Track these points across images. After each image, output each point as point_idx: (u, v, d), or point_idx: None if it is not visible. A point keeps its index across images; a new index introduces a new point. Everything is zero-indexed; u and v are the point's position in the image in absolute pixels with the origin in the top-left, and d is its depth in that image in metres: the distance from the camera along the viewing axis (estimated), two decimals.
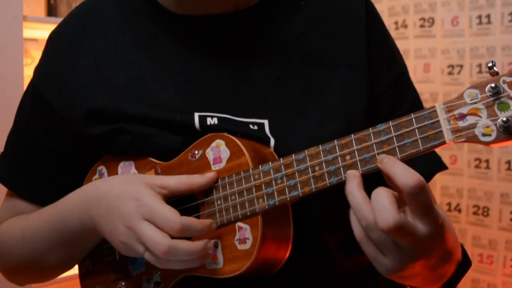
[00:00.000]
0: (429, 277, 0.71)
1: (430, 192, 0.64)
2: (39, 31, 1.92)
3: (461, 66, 1.96)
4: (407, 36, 2.07)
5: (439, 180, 2.09)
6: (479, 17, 1.90)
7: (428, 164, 0.87)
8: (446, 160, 0.91)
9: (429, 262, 0.68)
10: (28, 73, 1.12)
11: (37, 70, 0.94)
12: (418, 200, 0.62)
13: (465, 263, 0.77)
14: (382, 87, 0.90)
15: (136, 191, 0.76)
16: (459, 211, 2.05)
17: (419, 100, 0.95)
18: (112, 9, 0.92)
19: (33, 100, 0.93)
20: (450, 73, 1.99)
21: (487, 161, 1.93)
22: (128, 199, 0.76)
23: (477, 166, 1.99)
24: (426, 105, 0.85)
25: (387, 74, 0.91)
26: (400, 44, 1.00)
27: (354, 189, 0.66)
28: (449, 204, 2.08)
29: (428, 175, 0.86)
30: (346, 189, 0.67)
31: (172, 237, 0.73)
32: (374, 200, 0.63)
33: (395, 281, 0.72)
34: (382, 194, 0.63)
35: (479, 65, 1.92)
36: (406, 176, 0.62)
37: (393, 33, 1.99)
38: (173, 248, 0.72)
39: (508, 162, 1.88)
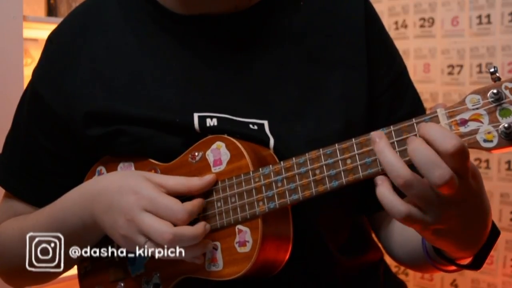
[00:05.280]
0: (464, 234, 0.69)
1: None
2: (39, 31, 1.92)
3: (461, 66, 1.95)
4: (407, 36, 2.07)
5: None
6: (479, 17, 1.90)
7: None
8: None
9: (465, 210, 0.66)
10: (28, 73, 1.11)
11: (36, 71, 0.94)
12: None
13: (494, 234, 0.74)
14: (381, 87, 0.90)
15: (135, 184, 0.77)
16: None
17: (420, 100, 0.95)
18: (112, 9, 0.92)
19: (32, 101, 0.93)
20: (450, 73, 1.98)
21: (487, 161, 1.93)
22: (128, 192, 0.76)
23: (477, 166, 1.98)
24: (426, 105, 0.84)
25: (386, 74, 0.91)
26: (400, 44, 1.00)
27: (383, 147, 0.63)
28: None
29: None
30: (375, 149, 0.64)
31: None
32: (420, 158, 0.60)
33: (429, 241, 0.71)
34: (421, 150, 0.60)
35: (479, 65, 1.91)
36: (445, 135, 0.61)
37: (393, 33, 1.99)
38: (178, 235, 0.72)
39: (508, 162, 1.88)
